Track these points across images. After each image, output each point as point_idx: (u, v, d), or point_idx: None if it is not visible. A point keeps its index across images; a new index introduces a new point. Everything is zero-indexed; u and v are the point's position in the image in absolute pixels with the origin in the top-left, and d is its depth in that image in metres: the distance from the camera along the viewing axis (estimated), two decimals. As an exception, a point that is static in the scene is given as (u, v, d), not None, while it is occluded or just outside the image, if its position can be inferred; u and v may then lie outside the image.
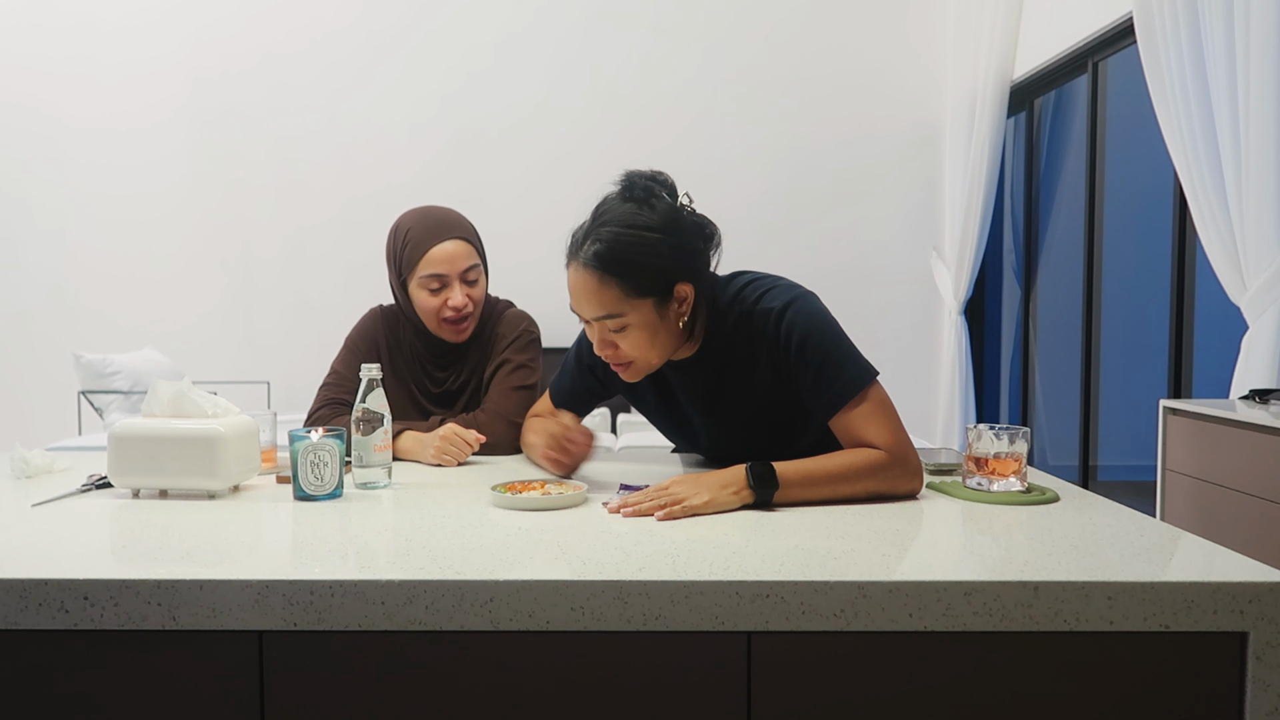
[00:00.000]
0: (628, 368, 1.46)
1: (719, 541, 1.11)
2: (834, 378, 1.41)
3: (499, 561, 1.03)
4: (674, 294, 1.42)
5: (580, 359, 1.68)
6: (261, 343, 4.91)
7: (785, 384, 1.47)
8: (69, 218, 4.86)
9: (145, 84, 4.82)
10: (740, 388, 1.50)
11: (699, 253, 1.45)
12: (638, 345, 1.42)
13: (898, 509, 1.30)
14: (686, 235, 1.43)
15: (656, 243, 1.39)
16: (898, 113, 4.89)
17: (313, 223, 4.87)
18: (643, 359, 1.45)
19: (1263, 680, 0.95)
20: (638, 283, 1.39)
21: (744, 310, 1.48)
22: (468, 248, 1.80)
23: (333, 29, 4.83)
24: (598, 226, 1.41)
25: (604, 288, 1.39)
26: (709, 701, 0.97)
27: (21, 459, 1.52)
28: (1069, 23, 3.84)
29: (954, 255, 4.66)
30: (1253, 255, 2.60)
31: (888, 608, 0.95)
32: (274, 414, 1.63)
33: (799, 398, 1.46)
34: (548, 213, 4.82)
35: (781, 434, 1.53)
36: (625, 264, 1.38)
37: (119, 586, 0.96)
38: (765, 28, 4.82)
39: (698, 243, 1.45)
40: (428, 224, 1.80)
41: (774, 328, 1.44)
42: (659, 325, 1.42)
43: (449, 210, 1.86)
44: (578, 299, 1.43)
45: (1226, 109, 2.66)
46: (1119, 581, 0.95)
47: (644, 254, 1.38)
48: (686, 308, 1.44)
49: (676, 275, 1.41)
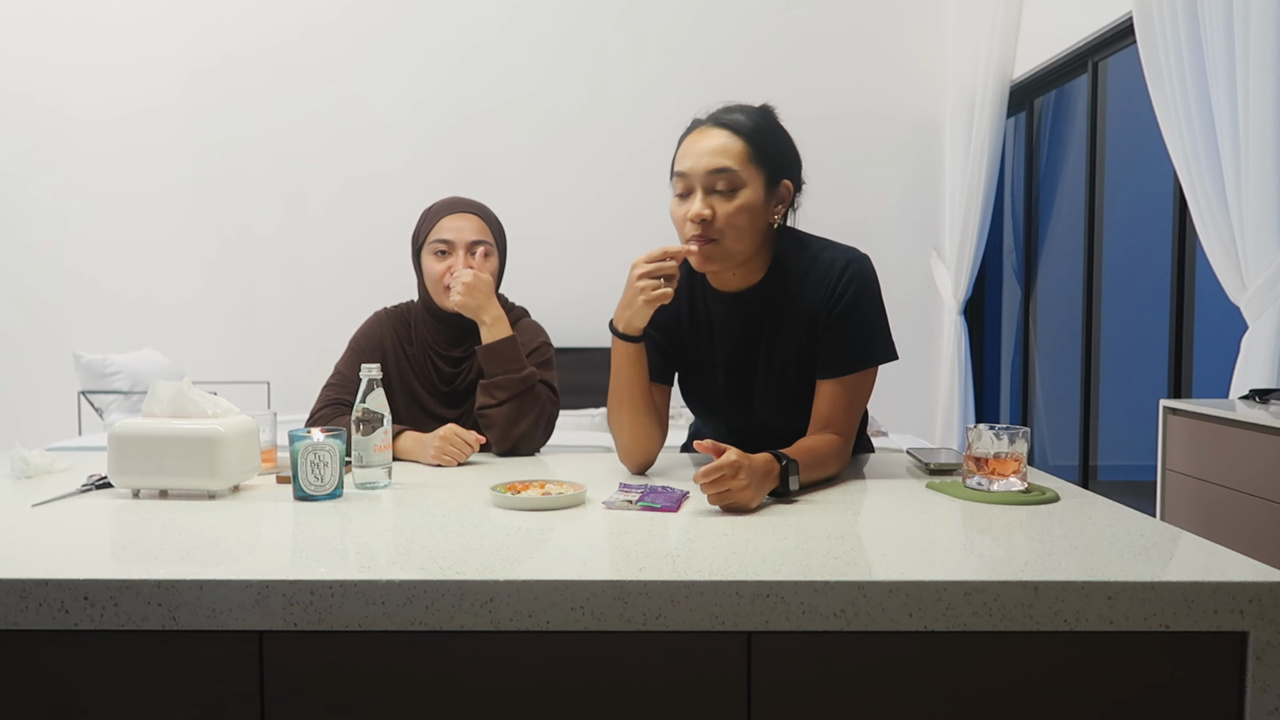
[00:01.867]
0: (711, 246, 1.45)
1: (719, 541, 1.11)
2: (863, 343, 1.48)
3: (499, 561, 1.03)
4: (780, 186, 1.49)
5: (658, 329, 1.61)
6: (261, 343, 4.91)
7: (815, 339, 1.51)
8: (69, 218, 4.86)
9: (145, 84, 4.82)
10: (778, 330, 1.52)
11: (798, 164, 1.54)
12: (737, 215, 1.44)
13: (898, 509, 1.30)
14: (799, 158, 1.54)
15: (783, 133, 1.51)
16: (898, 112, 4.89)
17: (312, 223, 4.86)
18: (732, 238, 1.45)
19: (1263, 680, 0.95)
20: (760, 151, 1.45)
21: (808, 253, 1.53)
22: (479, 223, 1.87)
23: (333, 26, 4.83)
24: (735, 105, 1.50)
25: (731, 142, 1.44)
26: (709, 701, 0.97)
27: (21, 459, 1.52)
28: (1069, 23, 3.84)
29: (954, 255, 4.66)
30: (1253, 255, 2.60)
31: (888, 608, 0.95)
32: (274, 414, 1.64)
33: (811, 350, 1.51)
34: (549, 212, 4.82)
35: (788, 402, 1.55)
36: (760, 134, 1.46)
37: (119, 586, 0.96)
38: (765, 27, 4.82)
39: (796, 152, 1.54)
40: (447, 202, 1.91)
41: (838, 273, 1.50)
42: (759, 209, 1.46)
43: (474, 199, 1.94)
44: (698, 155, 1.45)
45: (1226, 109, 2.66)
46: (1119, 581, 0.95)
47: (771, 133, 1.49)
48: (782, 209, 1.51)
49: (789, 170, 1.50)
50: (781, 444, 1.41)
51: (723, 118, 1.47)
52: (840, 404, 1.48)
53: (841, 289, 1.48)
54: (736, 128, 1.46)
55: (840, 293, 1.48)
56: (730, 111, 1.49)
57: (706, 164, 1.44)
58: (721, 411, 1.64)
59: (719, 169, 1.43)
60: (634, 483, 1.44)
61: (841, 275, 1.49)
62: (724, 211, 1.44)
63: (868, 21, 4.84)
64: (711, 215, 1.44)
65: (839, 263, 1.50)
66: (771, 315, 1.53)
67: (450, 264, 1.82)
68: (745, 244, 1.47)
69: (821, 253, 1.53)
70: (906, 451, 1.69)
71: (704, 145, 1.45)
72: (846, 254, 1.53)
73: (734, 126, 1.46)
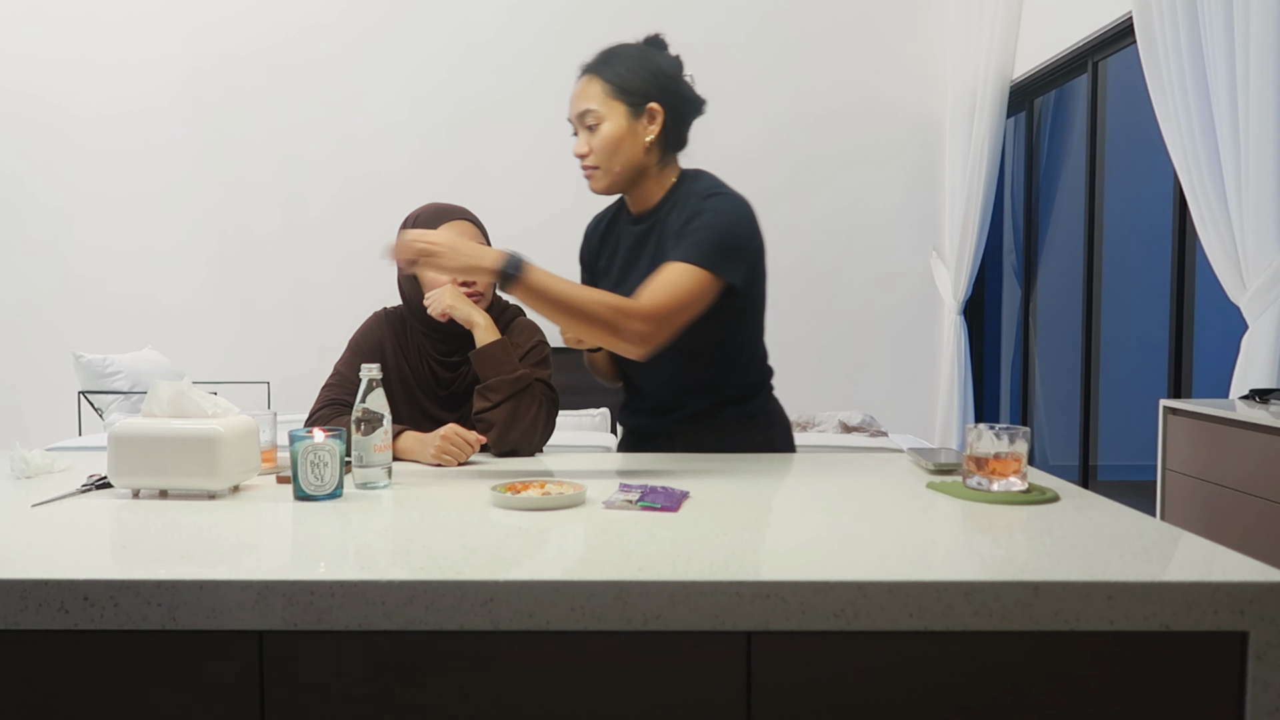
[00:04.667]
0: (594, 174, 1.68)
1: (719, 542, 1.11)
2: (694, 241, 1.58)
3: (499, 561, 1.03)
4: (646, 110, 1.66)
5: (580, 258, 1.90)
6: (261, 343, 4.91)
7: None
8: (69, 218, 4.86)
9: (146, 84, 4.82)
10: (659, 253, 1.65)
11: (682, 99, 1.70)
12: (604, 147, 1.65)
13: (897, 509, 1.30)
14: (677, 80, 1.70)
15: (647, 64, 1.67)
16: (897, 112, 4.89)
17: (312, 223, 4.87)
18: (606, 165, 1.67)
19: (1263, 680, 0.95)
20: (618, 87, 1.65)
21: (704, 182, 1.71)
22: (471, 229, 1.84)
23: (332, 30, 4.83)
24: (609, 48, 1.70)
25: (589, 86, 1.67)
26: (709, 701, 0.97)
27: (21, 459, 1.52)
28: (1069, 23, 3.84)
29: (954, 255, 4.66)
30: (1253, 255, 2.60)
31: (888, 608, 0.95)
32: (274, 414, 1.63)
33: None
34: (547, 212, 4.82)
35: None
36: (615, 71, 1.66)
37: (119, 586, 0.96)
38: (764, 27, 4.82)
39: (684, 91, 1.71)
40: (435, 210, 1.87)
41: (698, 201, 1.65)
42: (626, 133, 1.66)
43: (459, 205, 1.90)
44: (571, 100, 1.69)
45: (1226, 109, 2.66)
46: (1119, 581, 0.95)
47: (632, 66, 1.66)
48: (654, 129, 1.66)
49: (653, 94, 1.66)
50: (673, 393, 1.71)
51: (589, 64, 1.70)
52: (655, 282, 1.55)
53: (697, 207, 1.64)
54: (598, 71, 1.67)
55: (696, 210, 1.63)
56: (599, 56, 1.70)
57: (575, 108, 1.69)
58: None
59: (584, 110, 1.67)
60: (634, 483, 1.44)
61: (704, 199, 1.65)
62: (594, 144, 1.66)
63: (867, 21, 4.84)
64: (587, 150, 1.67)
65: (707, 194, 1.66)
66: (655, 235, 1.70)
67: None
68: (621, 164, 1.67)
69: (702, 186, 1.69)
70: (906, 451, 1.69)
71: (576, 92, 1.69)
72: (720, 188, 1.69)
73: (595, 70, 1.68)
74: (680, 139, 1.74)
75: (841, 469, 1.62)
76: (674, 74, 1.71)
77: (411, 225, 1.84)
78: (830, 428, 4.12)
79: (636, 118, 1.66)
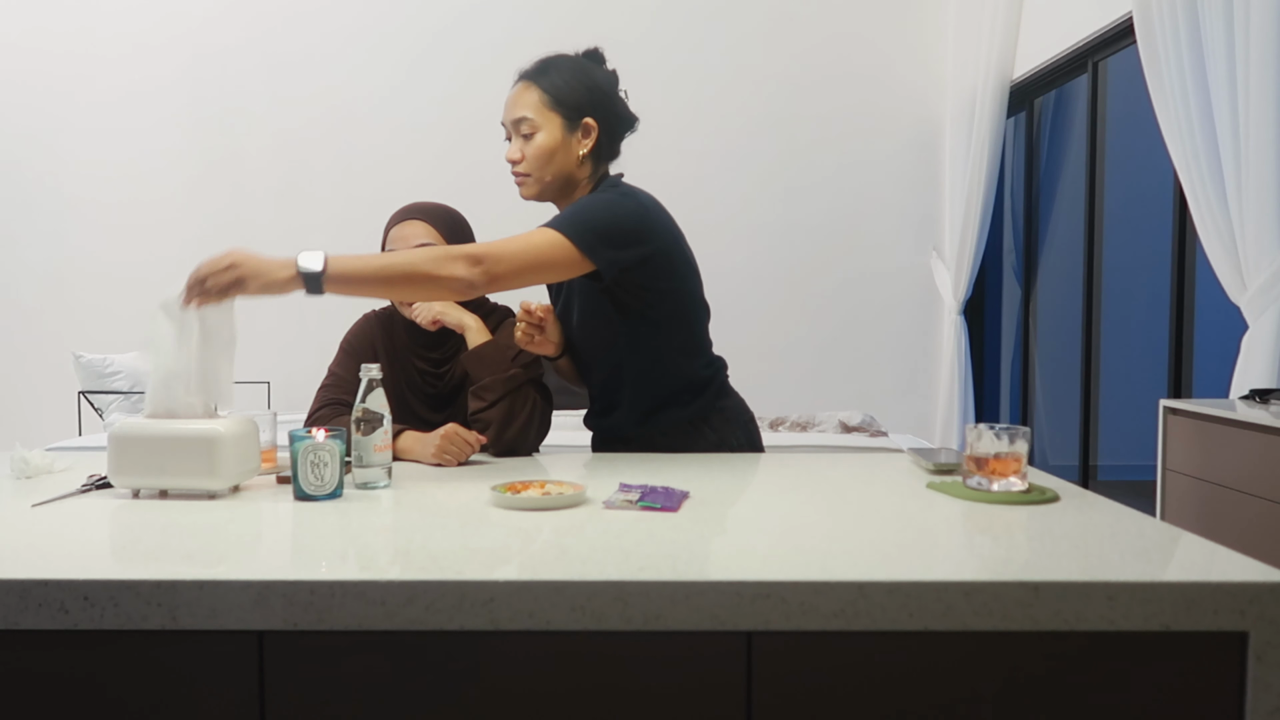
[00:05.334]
0: (524, 181, 1.72)
1: (719, 541, 1.11)
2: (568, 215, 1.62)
3: (499, 561, 1.03)
4: (581, 124, 1.69)
5: None
6: (261, 343, 4.91)
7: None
8: (69, 217, 4.86)
9: (146, 85, 4.82)
10: None
11: (616, 115, 1.73)
12: (536, 156, 1.68)
13: (898, 509, 1.30)
14: (612, 96, 1.73)
15: (584, 78, 1.69)
16: (897, 113, 4.89)
17: (312, 223, 4.86)
18: (538, 174, 1.70)
19: (1263, 680, 0.95)
20: (555, 100, 1.67)
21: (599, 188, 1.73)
22: (424, 228, 1.81)
23: (334, 30, 4.83)
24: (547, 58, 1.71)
25: (525, 94, 1.68)
26: (709, 701, 0.97)
27: (21, 459, 1.52)
28: (1069, 23, 3.84)
29: (954, 255, 4.66)
30: (1253, 255, 2.60)
31: (888, 608, 0.95)
32: (274, 414, 1.64)
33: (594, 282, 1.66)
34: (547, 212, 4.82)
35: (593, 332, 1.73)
36: (553, 82, 1.67)
37: (119, 586, 0.96)
38: (764, 27, 4.82)
39: (618, 108, 1.74)
40: (399, 211, 1.87)
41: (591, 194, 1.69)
42: (560, 146, 1.68)
43: (431, 201, 1.89)
44: (508, 105, 1.70)
45: (1226, 109, 2.66)
46: (1119, 581, 0.95)
47: (570, 79, 1.68)
48: (589, 143, 1.69)
49: (589, 109, 1.69)
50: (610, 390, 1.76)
51: (527, 71, 1.71)
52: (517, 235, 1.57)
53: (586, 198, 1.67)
54: (536, 79, 1.69)
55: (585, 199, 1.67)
56: (537, 64, 1.71)
57: (510, 114, 1.70)
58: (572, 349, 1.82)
59: (519, 118, 1.68)
60: (634, 483, 1.44)
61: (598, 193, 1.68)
62: (528, 152, 1.69)
63: (868, 22, 4.84)
64: (520, 157, 1.70)
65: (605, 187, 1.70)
66: None
67: None
68: (553, 174, 1.70)
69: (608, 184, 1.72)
70: (907, 451, 1.69)
71: (512, 98, 1.71)
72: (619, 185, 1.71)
73: (533, 78, 1.69)
74: (612, 152, 1.77)
75: (841, 469, 1.62)
76: (610, 90, 1.73)
77: (386, 228, 1.86)
78: (830, 428, 4.12)
79: (571, 131, 1.69)
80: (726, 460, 1.67)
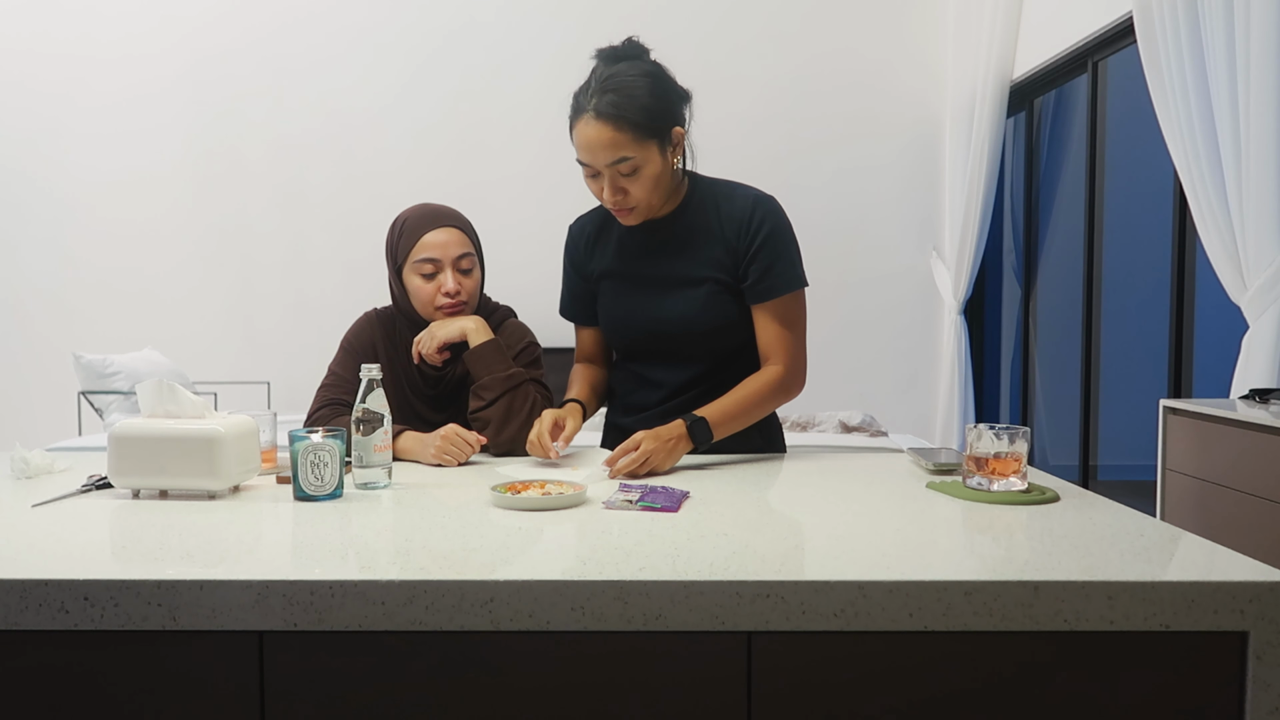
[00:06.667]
0: (631, 212, 1.66)
1: (719, 541, 1.11)
2: (782, 270, 1.66)
3: (499, 561, 1.03)
4: (672, 136, 1.64)
5: (571, 259, 1.87)
6: (261, 343, 4.91)
7: (730, 268, 1.68)
8: (69, 217, 4.86)
9: (146, 85, 4.82)
10: (694, 253, 1.70)
11: (685, 103, 1.68)
12: (645, 186, 1.62)
13: (898, 509, 1.30)
14: (672, 90, 1.66)
15: (657, 90, 1.61)
16: (898, 113, 4.89)
17: (313, 223, 4.87)
18: (645, 201, 1.65)
19: (1263, 680, 0.95)
20: (646, 127, 1.59)
21: (720, 187, 1.73)
22: (461, 236, 1.83)
23: (335, 32, 4.83)
24: (602, 82, 1.59)
25: (618, 134, 1.57)
26: (709, 701, 0.97)
27: (21, 459, 1.52)
28: (1069, 23, 3.84)
29: (954, 255, 4.66)
30: (1253, 255, 2.60)
31: (888, 608, 0.95)
32: (274, 414, 1.63)
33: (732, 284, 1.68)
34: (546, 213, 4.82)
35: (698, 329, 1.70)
36: (636, 110, 1.57)
37: (119, 586, 0.96)
38: (764, 28, 4.82)
39: (681, 93, 1.68)
40: (423, 214, 1.85)
41: (749, 209, 1.68)
42: (663, 167, 1.64)
43: (447, 205, 1.89)
44: (592, 150, 1.59)
45: (1226, 109, 2.66)
46: (1119, 581, 0.95)
47: (649, 100, 1.59)
48: (680, 150, 1.67)
49: (673, 119, 1.64)
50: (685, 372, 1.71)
51: (603, 109, 1.58)
52: (773, 328, 1.67)
53: (755, 223, 1.67)
54: (617, 117, 1.57)
55: (755, 227, 1.67)
56: (608, 96, 1.58)
57: (605, 158, 1.59)
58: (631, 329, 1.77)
59: (618, 160, 1.59)
60: (634, 483, 1.44)
61: (754, 209, 1.68)
62: (635, 187, 1.62)
63: (867, 23, 4.84)
64: (624, 192, 1.63)
65: (750, 197, 1.70)
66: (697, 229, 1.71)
67: (440, 282, 1.79)
68: (660, 197, 1.67)
69: (735, 187, 1.74)
70: (907, 451, 1.69)
71: (595, 139, 1.58)
72: (758, 192, 1.72)
73: (613, 117, 1.57)
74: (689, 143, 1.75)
75: (841, 469, 1.62)
76: (669, 84, 1.66)
77: (400, 227, 1.84)
78: (830, 428, 4.12)
79: (665, 148, 1.64)
80: (726, 460, 1.67)
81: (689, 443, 1.57)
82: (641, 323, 1.74)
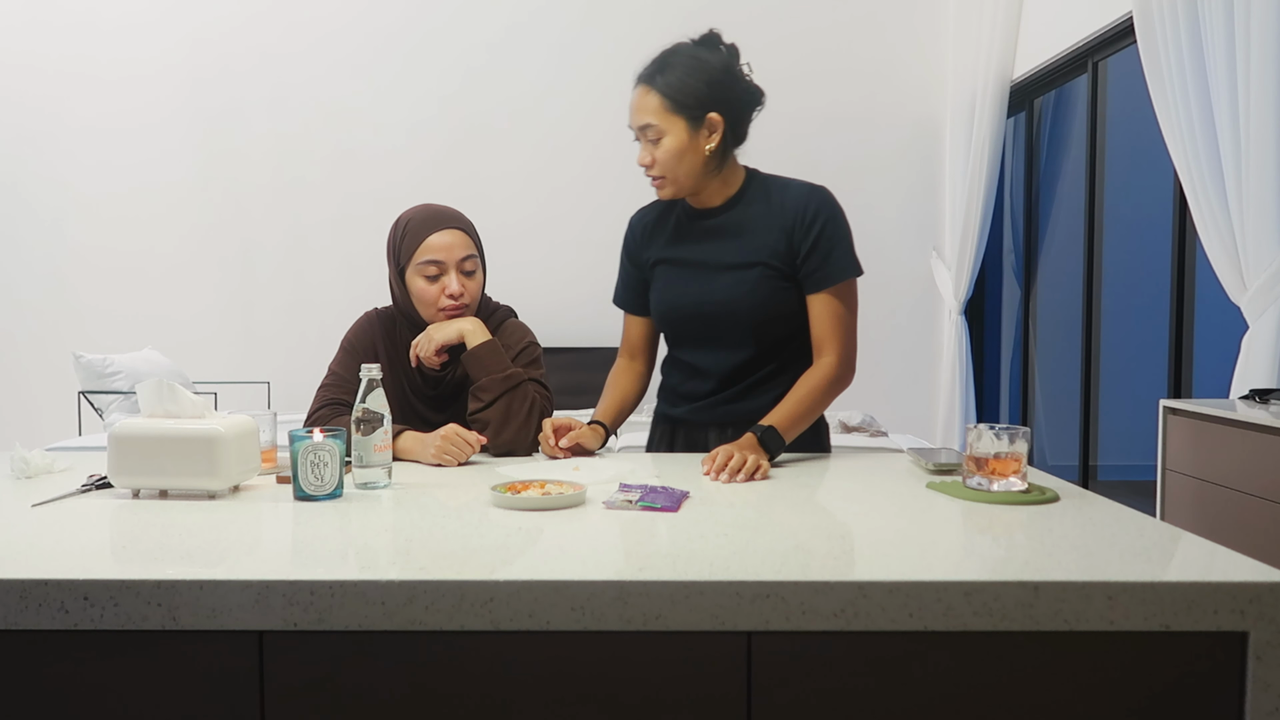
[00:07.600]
0: (661, 183, 1.72)
1: (719, 541, 1.11)
2: (839, 258, 1.70)
3: (499, 561, 1.03)
4: (706, 120, 1.67)
5: (627, 248, 1.90)
6: (261, 343, 4.91)
7: (785, 255, 1.71)
8: (69, 217, 4.86)
9: (145, 83, 4.82)
10: (748, 240, 1.73)
11: (740, 101, 1.72)
12: (667, 160, 1.68)
13: (898, 509, 1.30)
14: (733, 79, 1.71)
15: (701, 73, 1.67)
16: (897, 113, 4.89)
17: (312, 222, 4.86)
18: (671, 175, 1.70)
19: (1263, 680, 0.95)
20: (677, 102, 1.66)
21: (774, 179, 1.79)
22: (465, 238, 1.83)
23: (332, 27, 4.83)
24: (660, 56, 1.70)
25: (647, 98, 1.68)
26: (709, 701, 0.97)
27: (21, 459, 1.52)
28: (1069, 23, 3.84)
29: (954, 255, 4.66)
30: (1253, 255, 2.60)
31: (888, 608, 0.95)
32: (274, 414, 1.63)
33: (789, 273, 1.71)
34: (546, 211, 4.82)
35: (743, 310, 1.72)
36: (670, 84, 1.66)
37: (119, 586, 0.96)
38: (764, 26, 4.82)
39: (740, 92, 1.72)
40: (426, 215, 1.84)
41: (804, 199, 1.73)
42: (688, 146, 1.68)
43: (449, 206, 1.88)
44: (632, 112, 1.70)
45: (1226, 109, 2.66)
46: (1119, 581, 0.95)
47: (686, 77, 1.66)
48: (715, 138, 1.69)
49: (711, 104, 1.67)
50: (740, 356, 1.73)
51: (646, 75, 1.69)
52: (827, 320, 1.70)
53: (811, 213, 1.71)
54: (654, 84, 1.67)
55: (811, 217, 1.71)
56: (654, 63, 1.70)
57: (636, 121, 1.70)
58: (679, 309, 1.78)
59: (644, 125, 1.68)
60: (634, 483, 1.44)
61: (809, 200, 1.73)
62: (658, 156, 1.69)
63: (868, 22, 4.84)
64: (651, 161, 1.70)
65: (805, 189, 1.75)
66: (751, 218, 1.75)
67: (444, 284, 1.79)
68: (685, 173, 1.70)
69: (789, 180, 1.79)
70: (907, 451, 1.69)
71: (633, 103, 1.70)
72: (809, 183, 1.77)
73: (652, 83, 1.68)
74: (741, 136, 1.77)
75: (841, 469, 1.63)
76: (729, 75, 1.71)
77: (403, 228, 1.83)
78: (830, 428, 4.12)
79: (696, 130, 1.68)
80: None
81: (765, 453, 1.57)
82: (690, 305, 1.76)
